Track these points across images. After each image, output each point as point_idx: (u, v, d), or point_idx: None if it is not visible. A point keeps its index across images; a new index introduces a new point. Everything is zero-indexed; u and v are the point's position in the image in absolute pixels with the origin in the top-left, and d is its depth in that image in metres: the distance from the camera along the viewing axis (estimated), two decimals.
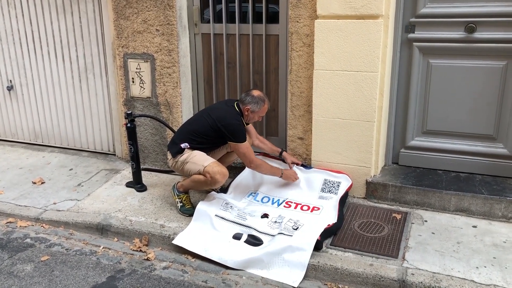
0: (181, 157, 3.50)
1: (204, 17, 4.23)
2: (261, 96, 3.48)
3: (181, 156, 3.50)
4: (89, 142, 4.96)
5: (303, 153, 3.93)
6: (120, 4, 4.18)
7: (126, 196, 3.97)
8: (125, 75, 4.37)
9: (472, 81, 3.56)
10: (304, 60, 3.71)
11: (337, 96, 3.60)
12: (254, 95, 3.46)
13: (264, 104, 3.48)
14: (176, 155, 3.53)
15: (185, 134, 3.55)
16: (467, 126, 3.67)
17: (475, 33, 3.46)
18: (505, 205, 3.34)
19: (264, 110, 3.50)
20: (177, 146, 3.52)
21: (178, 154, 3.52)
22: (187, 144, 3.50)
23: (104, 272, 3.11)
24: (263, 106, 3.47)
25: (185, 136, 3.54)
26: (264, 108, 3.49)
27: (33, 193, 4.09)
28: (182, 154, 3.51)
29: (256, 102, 3.44)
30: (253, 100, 3.44)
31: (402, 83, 3.75)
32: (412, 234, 3.24)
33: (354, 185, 3.73)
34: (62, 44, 4.72)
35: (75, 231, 3.61)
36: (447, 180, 3.63)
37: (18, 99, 5.15)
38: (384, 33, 3.42)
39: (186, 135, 3.54)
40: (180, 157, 3.51)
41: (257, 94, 3.47)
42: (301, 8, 3.62)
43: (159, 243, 3.37)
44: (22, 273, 3.11)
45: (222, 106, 3.57)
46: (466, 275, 2.78)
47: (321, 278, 2.96)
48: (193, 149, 3.50)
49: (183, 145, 3.50)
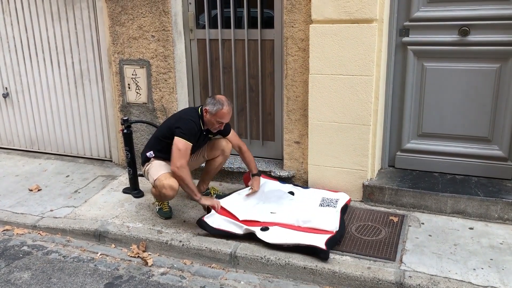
0: (147, 166, 3.54)
1: (199, 23, 4.25)
2: (222, 100, 3.34)
3: (147, 166, 3.54)
4: (86, 149, 4.96)
5: (300, 157, 3.94)
6: (115, 10, 4.19)
7: (123, 202, 3.96)
8: (121, 81, 4.38)
9: (467, 84, 3.58)
10: (300, 64, 3.73)
11: (333, 100, 3.61)
12: (215, 98, 3.36)
13: (222, 108, 3.30)
14: (144, 164, 3.58)
15: (151, 142, 3.58)
16: (462, 129, 3.69)
17: (468, 36, 3.49)
18: (501, 206, 3.35)
19: (222, 114, 3.32)
20: (144, 155, 3.56)
21: (145, 163, 3.56)
22: (152, 153, 3.51)
23: (102, 279, 3.10)
24: (221, 109, 3.30)
25: (151, 144, 3.57)
26: (222, 112, 3.31)
27: (30, 201, 4.07)
28: (149, 162, 3.54)
29: (213, 104, 3.32)
30: (211, 102, 3.34)
31: (397, 87, 3.78)
32: (409, 236, 3.24)
33: (351, 188, 3.74)
34: (58, 50, 4.73)
35: (72, 238, 3.60)
36: (443, 183, 3.64)
37: (14, 106, 5.14)
38: (379, 37, 3.45)
39: (152, 142, 3.57)
40: (146, 167, 3.55)
41: (218, 98, 3.36)
42: (296, 13, 3.63)
43: (157, 249, 3.37)
44: (20, 281, 3.10)
45: (186, 109, 3.58)
46: (464, 277, 2.79)
47: (319, 282, 2.97)
48: (156, 158, 3.50)
49: (148, 154, 3.52)
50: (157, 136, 3.56)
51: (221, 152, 3.70)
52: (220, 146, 3.68)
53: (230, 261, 3.18)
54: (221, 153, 3.71)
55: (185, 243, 3.28)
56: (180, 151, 3.25)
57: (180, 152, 3.24)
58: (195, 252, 3.26)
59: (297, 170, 3.98)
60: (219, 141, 3.69)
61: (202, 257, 3.24)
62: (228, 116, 3.39)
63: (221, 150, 3.69)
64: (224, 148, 3.69)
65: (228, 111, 3.36)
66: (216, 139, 3.71)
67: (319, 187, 3.83)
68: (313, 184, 3.86)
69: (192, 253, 3.27)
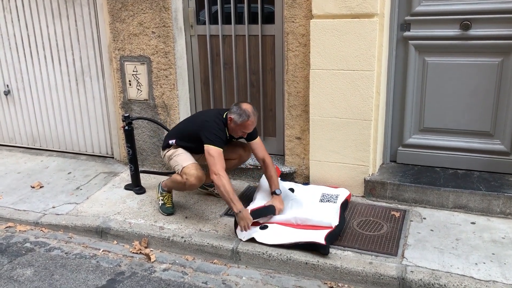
0: (168, 152, 3.59)
1: (200, 19, 4.24)
2: (248, 111, 3.27)
3: (168, 151, 3.59)
4: (87, 146, 4.96)
5: (301, 153, 3.93)
6: (115, 7, 4.18)
7: (125, 198, 3.97)
8: (122, 78, 4.38)
9: (468, 78, 3.57)
10: (300, 60, 3.72)
11: (334, 95, 3.60)
12: (241, 107, 3.29)
13: (247, 120, 3.26)
14: (164, 148, 3.64)
15: (177, 132, 3.63)
16: (464, 123, 3.68)
17: (470, 30, 3.48)
18: (503, 201, 3.35)
19: (247, 125, 3.30)
20: (166, 141, 3.62)
21: (166, 148, 3.62)
22: (174, 141, 3.56)
23: (104, 275, 3.11)
24: (246, 121, 3.27)
25: (177, 133, 3.62)
26: (247, 123, 3.28)
27: (32, 198, 4.08)
28: (169, 149, 3.59)
29: (239, 114, 3.26)
30: (237, 111, 3.28)
31: (399, 81, 3.76)
32: (411, 231, 3.24)
33: (353, 184, 3.73)
34: (59, 47, 4.72)
35: (74, 235, 3.61)
36: (445, 177, 3.64)
37: (16, 103, 5.14)
38: (380, 32, 3.43)
39: (178, 133, 3.62)
40: (167, 152, 3.60)
41: (245, 107, 3.29)
42: (297, 8, 3.62)
43: (159, 245, 3.38)
44: (22, 278, 3.11)
45: (211, 113, 3.54)
46: (465, 272, 2.79)
47: (321, 277, 2.97)
48: (179, 146, 3.54)
49: (171, 141, 3.57)
50: (181, 130, 3.61)
51: (238, 157, 3.71)
52: (238, 152, 3.68)
53: (232, 257, 3.18)
54: (237, 158, 3.71)
55: (187, 239, 3.29)
56: (214, 157, 3.21)
57: (214, 159, 3.21)
58: (197, 248, 3.26)
59: (299, 166, 3.98)
60: (239, 148, 3.68)
61: (204, 253, 3.25)
62: (252, 127, 3.36)
63: (239, 156, 3.70)
64: (242, 155, 3.71)
65: (253, 122, 3.32)
66: (237, 143, 3.69)
67: (321, 182, 3.83)
68: (314, 180, 3.86)
69: (194, 249, 3.27)
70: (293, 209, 3.41)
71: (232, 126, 3.35)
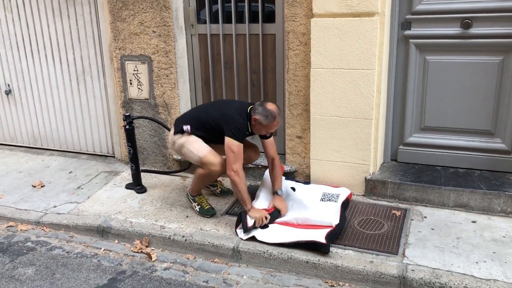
0: (181, 138, 3.48)
1: (201, 18, 4.24)
2: (273, 112, 3.24)
3: (181, 138, 3.48)
4: (88, 145, 4.97)
5: (302, 152, 3.94)
6: (116, 6, 4.19)
7: (126, 198, 3.97)
8: (122, 77, 4.38)
9: (469, 77, 3.57)
10: (301, 58, 3.72)
11: (335, 94, 3.60)
12: (267, 108, 3.24)
13: (273, 121, 3.25)
14: (176, 134, 3.51)
15: (192, 118, 3.51)
16: (464, 122, 3.68)
17: (471, 28, 3.47)
18: (504, 200, 3.35)
19: (272, 126, 3.28)
20: (180, 126, 3.49)
21: (178, 134, 3.50)
22: (189, 128, 3.45)
23: (105, 274, 3.12)
24: (272, 122, 3.25)
25: (192, 119, 3.49)
26: (273, 124, 3.27)
27: (33, 197, 4.09)
28: (182, 135, 3.48)
29: (265, 116, 3.23)
30: (263, 112, 3.23)
31: (399, 80, 3.76)
32: (411, 230, 3.24)
33: (353, 182, 3.74)
34: (59, 47, 4.73)
35: (75, 234, 3.62)
36: (446, 176, 3.64)
37: (17, 103, 5.15)
38: (380, 31, 3.43)
39: (193, 119, 3.49)
40: (179, 138, 3.48)
41: (270, 108, 3.25)
42: (297, 7, 3.62)
43: (160, 244, 3.38)
44: (24, 277, 3.12)
45: (236, 105, 3.42)
46: (466, 270, 2.79)
47: (322, 276, 2.97)
48: (193, 134, 3.45)
49: (185, 127, 3.46)
50: (198, 117, 3.47)
51: (247, 158, 3.65)
52: (248, 154, 3.62)
53: (232, 256, 3.19)
54: (246, 159, 3.66)
55: (188, 238, 3.29)
56: (235, 153, 3.20)
57: (235, 155, 3.20)
58: (198, 247, 3.27)
59: (299, 165, 3.98)
60: (250, 150, 3.65)
61: (205, 252, 3.26)
62: (277, 127, 3.35)
63: (248, 157, 3.66)
64: (251, 157, 3.69)
65: (279, 123, 3.33)
66: (250, 144, 3.68)
67: (321, 181, 3.83)
68: (315, 179, 3.86)
69: (195, 248, 3.28)
70: (293, 209, 3.41)
71: (257, 126, 3.30)
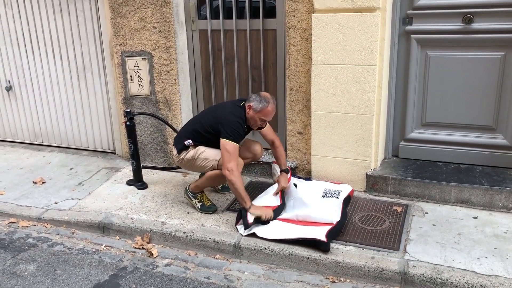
0: (187, 154, 3.47)
1: (201, 14, 4.22)
2: (267, 97, 3.30)
3: (187, 153, 3.47)
4: (89, 141, 4.96)
5: (303, 148, 3.93)
6: (116, 2, 4.17)
7: (127, 194, 3.97)
8: (123, 73, 4.37)
9: (471, 72, 3.55)
10: (302, 54, 3.71)
11: (336, 90, 3.59)
12: (260, 94, 3.32)
13: (267, 106, 3.28)
14: (181, 152, 3.51)
15: (190, 132, 3.51)
16: (466, 118, 3.67)
17: (473, 24, 3.46)
18: (505, 195, 3.34)
19: (266, 112, 3.30)
20: (181, 143, 3.50)
21: (183, 151, 3.50)
22: (190, 141, 3.46)
23: (106, 270, 3.12)
24: (266, 107, 3.28)
25: (189, 133, 3.50)
26: (267, 110, 3.29)
27: (34, 193, 4.09)
28: (187, 151, 3.48)
29: (259, 101, 3.28)
30: (256, 98, 3.30)
31: (401, 76, 3.75)
32: (413, 226, 3.24)
33: (354, 179, 3.73)
34: (60, 43, 4.72)
35: (76, 230, 3.62)
36: (447, 172, 3.63)
37: (17, 99, 5.15)
38: (382, 26, 3.42)
39: (191, 132, 3.50)
40: (186, 154, 3.48)
41: (264, 95, 3.32)
42: (298, 2, 3.60)
43: (161, 240, 3.38)
44: (25, 273, 3.12)
45: (228, 105, 3.47)
46: (468, 266, 2.79)
47: (323, 272, 2.97)
48: (198, 144, 3.46)
49: (186, 142, 3.46)
50: (195, 129, 3.47)
51: (252, 157, 3.69)
52: (253, 151, 3.66)
53: (234, 252, 3.19)
54: (251, 157, 3.69)
55: (189, 234, 3.30)
56: (230, 153, 3.20)
57: (230, 155, 3.20)
58: (199, 243, 3.27)
59: (300, 161, 3.97)
60: (254, 145, 3.67)
61: (206, 248, 3.26)
62: (272, 114, 3.36)
63: (253, 155, 3.68)
64: (256, 153, 3.69)
65: (273, 109, 3.34)
66: (253, 142, 3.69)
67: (323, 177, 3.83)
68: (316, 175, 3.86)
69: (196, 244, 3.28)
70: (295, 208, 3.41)
71: (251, 114, 3.32)
